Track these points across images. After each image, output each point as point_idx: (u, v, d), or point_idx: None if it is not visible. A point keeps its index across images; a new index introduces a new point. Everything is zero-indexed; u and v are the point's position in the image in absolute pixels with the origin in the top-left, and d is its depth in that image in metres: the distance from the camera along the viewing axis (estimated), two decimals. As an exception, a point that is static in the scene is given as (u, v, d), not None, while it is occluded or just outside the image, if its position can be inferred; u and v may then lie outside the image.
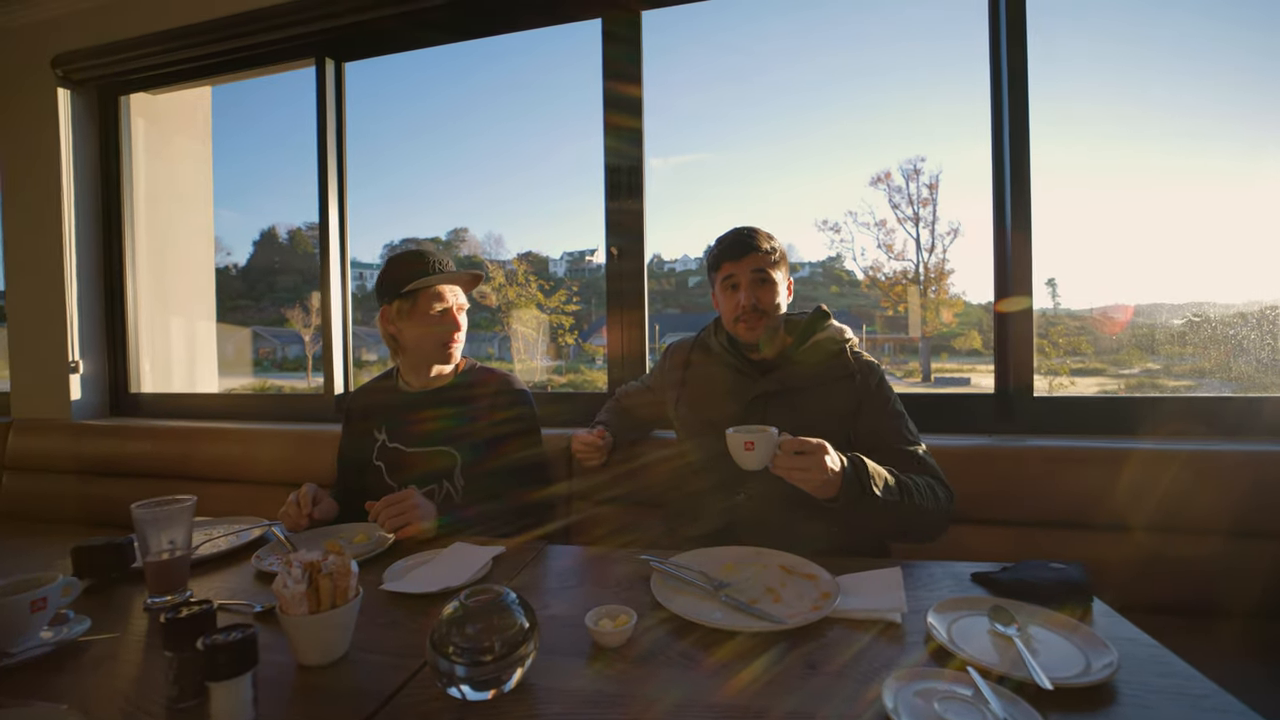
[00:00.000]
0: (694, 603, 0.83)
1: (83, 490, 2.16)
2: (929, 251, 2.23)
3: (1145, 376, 1.79)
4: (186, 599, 0.89)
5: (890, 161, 2.15)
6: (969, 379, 2.15)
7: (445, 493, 1.33)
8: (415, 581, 0.91)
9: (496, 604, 0.65)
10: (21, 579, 0.77)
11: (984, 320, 2.11)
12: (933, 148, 2.08)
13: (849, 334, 1.29)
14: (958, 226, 2.16)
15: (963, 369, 2.18)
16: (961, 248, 2.14)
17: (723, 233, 1.28)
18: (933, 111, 1.90)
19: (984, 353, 2.09)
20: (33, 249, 2.39)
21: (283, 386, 2.23)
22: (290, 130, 2.12)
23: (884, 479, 1.01)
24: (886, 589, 0.84)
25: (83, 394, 2.41)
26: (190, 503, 0.91)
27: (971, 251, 2.14)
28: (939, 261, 2.20)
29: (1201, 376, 1.79)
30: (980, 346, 2.20)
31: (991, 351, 1.74)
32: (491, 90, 2.74)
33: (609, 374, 1.94)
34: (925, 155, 2.13)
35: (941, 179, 2.13)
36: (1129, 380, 1.79)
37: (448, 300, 1.33)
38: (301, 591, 0.66)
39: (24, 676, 0.70)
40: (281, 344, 3.01)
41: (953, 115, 2.05)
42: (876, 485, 0.99)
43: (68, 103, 2.36)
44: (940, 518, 1.10)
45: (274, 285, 2.95)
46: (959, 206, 2.13)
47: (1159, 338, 1.82)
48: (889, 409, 1.20)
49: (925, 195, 2.16)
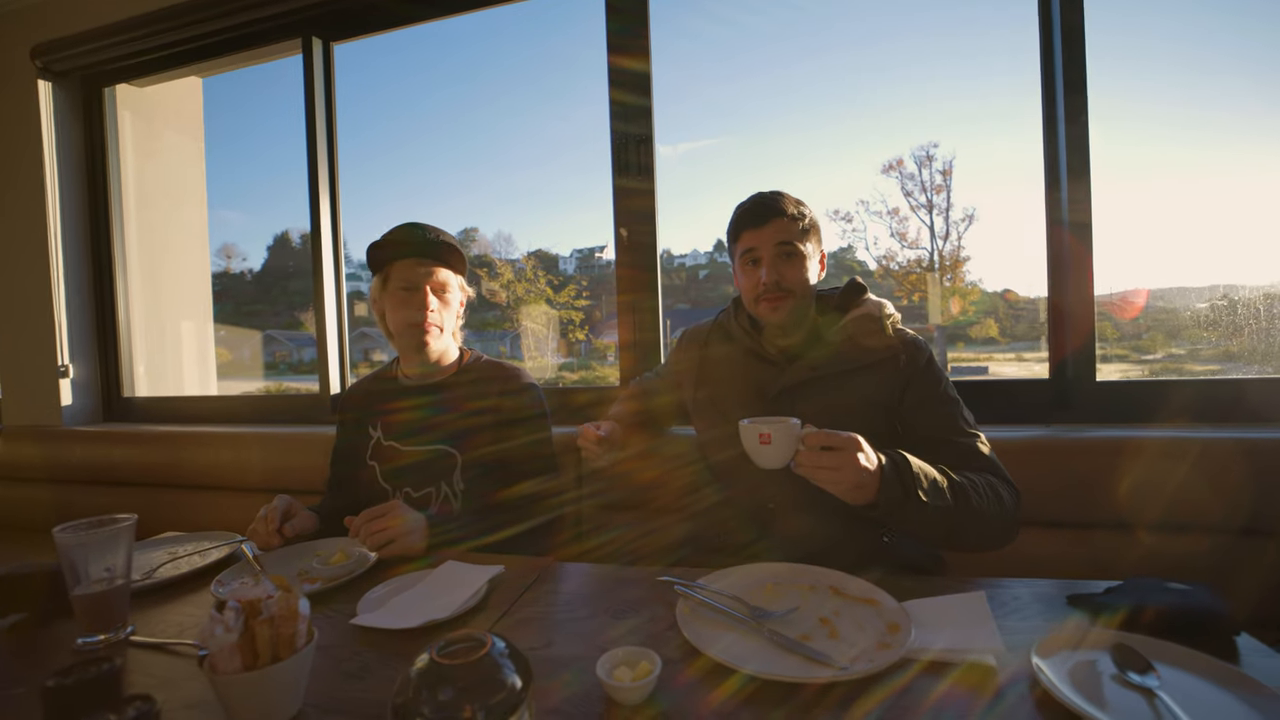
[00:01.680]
0: (730, 640, 0.68)
1: (71, 499, 2.06)
2: (943, 239, 2.07)
3: (1170, 362, 1.68)
4: (127, 635, 0.75)
5: (902, 148, 1.99)
6: (986, 368, 2.00)
7: (444, 496, 1.19)
8: (393, 613, 0.77)
9: (479, 660, 0.50)
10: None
11: (1000, 308, 2.00)
12: (945, 133, 1.92)
13: (890, 308, 1.11)
14: (973, 212, 2.01)
15: (979, 358, 2.03)
16: (977, 234, 1.98)
17: (743, 199, 1.11)
18: (945, 96, 1.77)
19: (1001, 341, 1.98)
20: (18, 249, 2.29)
21: (300, 389, 2.13)
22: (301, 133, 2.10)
23: (932, 480, 0.84)
24: (971, 620, 0.67)
25: (74, 399, 2.31)
26: (129, 522, 0.77)
27: (988, 237, 1.98)
28: (954, 249, 2.04)
29: (1229, 360, 1.67)
30: (997, 335, 2.05)
31: (1009, 340, 1.60)
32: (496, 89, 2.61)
33: (620, 365, 1.79)
34: (938, 141, 1.97)
35: (955, 164, 1.97)
36: (1152, 366, 1.67)
37: (417, 275, 1.18)
38: (233, 643, 0.52)
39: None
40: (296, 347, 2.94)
41: (965, 99, 1.88)
42: (923, 488, 0.82)
43: (49, 96, 2.25)
44: (1004, 525, 0.92)
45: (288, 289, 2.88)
46: (974, 192, 1.97)
47: (1183, 321, 1.71)
48: (940, 393, 1.03)
49: (939, 182, 2.01)
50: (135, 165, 2.42)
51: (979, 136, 1.91)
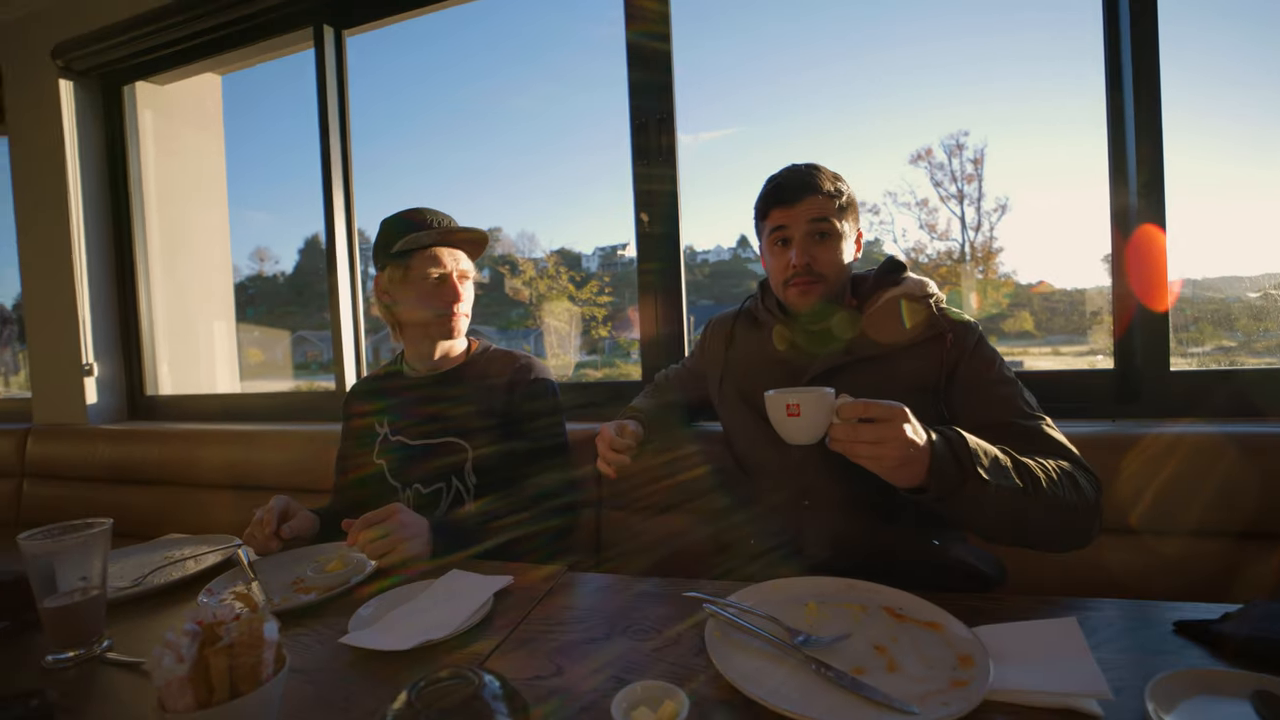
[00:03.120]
0: (768, 671, 0.58)
1: (96, 497, 2.06)
2: (975, 230, 1.93)
3: (1220, 354, 1.56)
4: (102, 651, 0.69)
5: (931, 137, 1.86)
6: (1021, 362, 1.87)
7: (455, 492, 1.12)
8: (387, 630, 0.68)
9: (467, 705, 0.41)
10: None
11: (1034, 301, 1.88)
12: (976, 120, 1.79)
13: (932, 287, 0.99)
14: (1005, 202, 1.87)
15: (1013, 352, 1.90)
16: (1011, 224, 1.85)
17: (774, 171, 1.01)
18: (975, 82, 1.65)
19: (1036, 335, 1.88)
20: (44, 249, 2.31)
21: (326, 388, 2.12)
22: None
23: (993, 458, 0.72)
24: (1062, 652, 0.56)
25: (99, 397, 2.32)
26: (103, 528, 0.70)
27: (1022, 228, 1.85)
28: (986, 240, 1.91)
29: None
30: (1032, 328, 1.92)
31: (1045, 333, 1.47)
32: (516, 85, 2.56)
33: (643, 360, 1.70)
34: (969, 128, 1.84)
35: (987, 153, 1.83)
36: (1199, 359, 1.57)
37: (446, 265, 1.12)
38: (183, 675, 0.44)
39: None
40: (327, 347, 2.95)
41: (996, 84, 1.75)
42: (983, 464, 0.70)
43: (71, 96, 2.26)
44: (1086, 517, 0.78)
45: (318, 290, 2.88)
46: (1007, 181, 1.83)
47: (1233, 311, 1.58)
48: (996, 373, 0.90)
49: (969, 171, 1.87)
50: (156, 164, 2.42)
51: (1014, 122, 1.78)
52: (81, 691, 0.62)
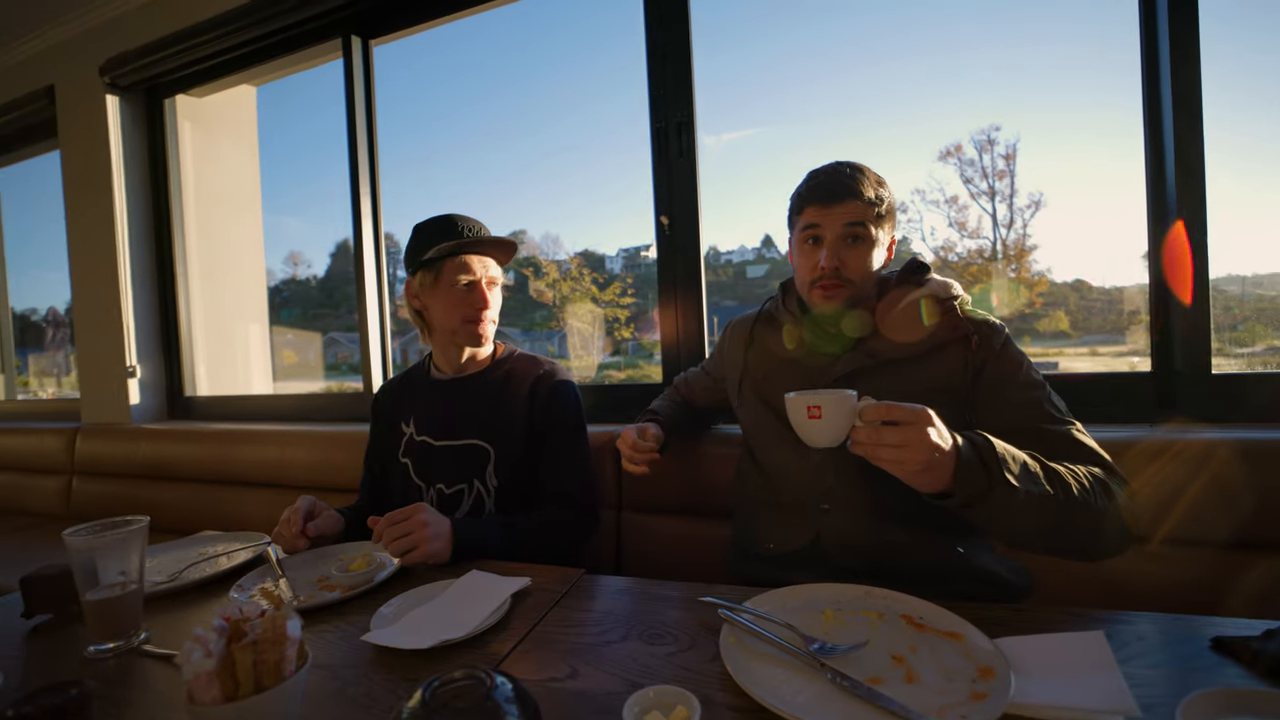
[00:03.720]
0: (784, 678, 0.57)
1: (138, 493, 2.15)
2: (1007, 227, 1.87)
3: (1271, 355, 1.49)
4: (140, 643, 0.72)
5: (961, 133, 1.80)
6: (1056, 364, 1.81)
7: (476, 494, 1.13)
8: (408, 629, 0.70)
9: (478, 706, 0.42)
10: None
11: (1070, 299, 1.84)
12: (1008, 114, 1.73)
13: (957, 289, 0.96)
14: (1039, 198, 1.80)
15: (1048, 353, 1.83)
16: (1045, 221, 1.78)
17: (816, 167, 0.99)
18: (1007, 74, 1.59)
19: (1072, 334, 1.79)
20: (92, 257, 2.42)
21: (358, 389, 2.18)
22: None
23: (1021, 463, 0.70)
24: (1087, 667, 0.54)
25: (141, 398, 2.42)
26: (140, 525, 0.74)
27: (1057, 224, 1.78)
28: (1019, 237, 1.84)
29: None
30: (1068, 328, 1.85)
31: (1081, 333, 1.41)
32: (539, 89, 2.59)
33: (663, 363, 1.70)
34: (1000, 123, 1.77)
35: (1019, 147, 1.77)
36: (1248, 360, 1.49)
37: (475, 272, 1.13)
38: (210, 670, 0.46)
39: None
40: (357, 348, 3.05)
41: (1029, 76, 1.70)
42: (1011, 469, 0.67)
43: (117, 110, 2.36)
44: (1119, 525, 0.75)
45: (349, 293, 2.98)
46: (1041, 176, 1.77)
47: None
48: (1023, 377, 0.87)
49: (1001, 167, 1.81)
50: (194, 173, 2.51)
51: (1049, 115, 1.72)
52: (120, 681, 0.65)
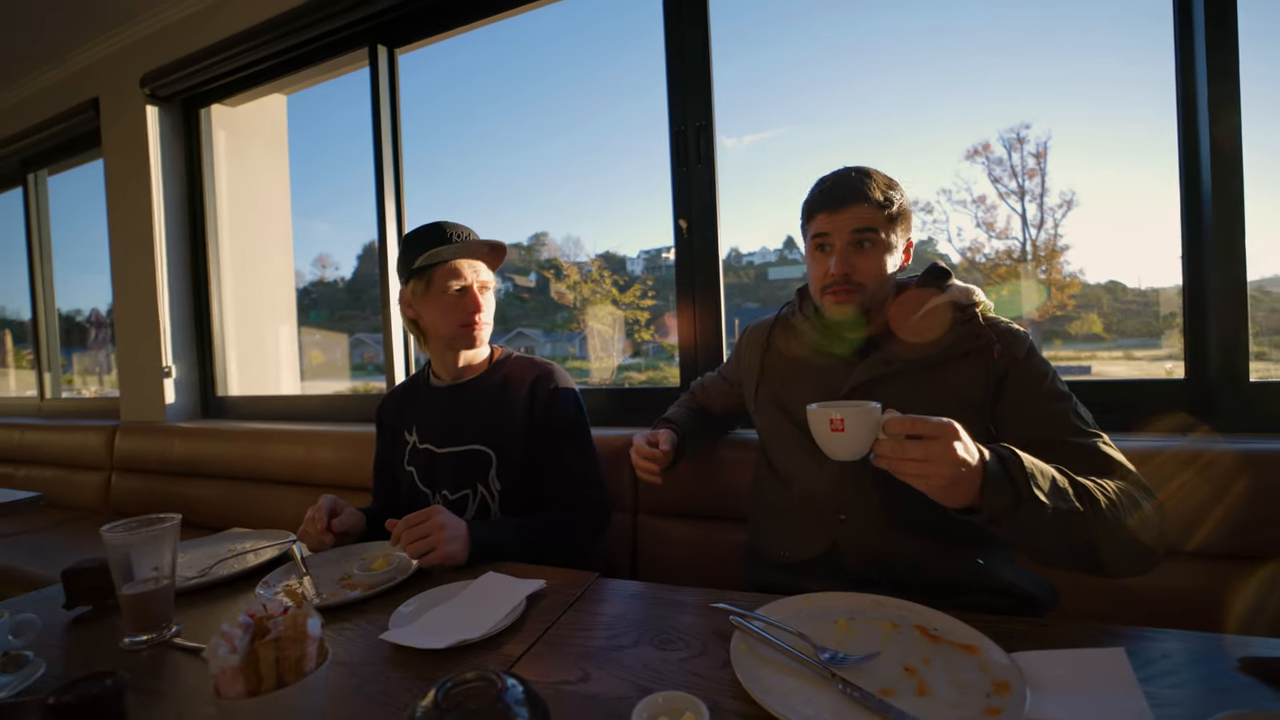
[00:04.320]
0: (794, 686, 0.57)
1: (172, 490, 2.23)
2: (1037, 227, 1.82)
3: None
4: (171, 636, 0.75)
5: (989, 131, 1.76)
6: (1089, 367, 1.75)
7: (481, 499, 1.15)
8: (425, 629, 0.72)
9: (489, 708, 0.42)
10: (-28, 615, 0.65)
11: (1104, 301, 1.78)
12: (1039, 111, 1.69)
13: (979, 295, 0.95)
14: (1071, 197, 1.74)
15: (1080, 356, 1.78)
16: (1077, 220, 1.73)
17: (825, 173, 0.99)
18: (1037, 70, 1.55)
19: (1106, 337, 1.73)
20: (132, 262, 2.52)
21: (383, 389, 2.23)
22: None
23: (1050, 478, 0.68)
24: (1106, 685, 0.53)
25: (176, 397, 2.50)
26: (173, 522, 0.77)
27: (1090, 224, 1.72)
28: (1049, 238, 1.79)
29: None
30: (1101, 331, 1.79)
31: (1116, 336, 1.37)
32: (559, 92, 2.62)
33: (681, 367, 1.70)
34: (1030, 121, 1.73)
35: (1050, 145, 1.72)
36: None
37: (466, 277, 1.14)
38: (235, 665, 0.48)
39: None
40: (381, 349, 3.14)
41: (1062, 71, 1.65)
42: (1040, 485, 0.66)
43: (156, 120, 2.46)
44: (1148, 542, 0.74)
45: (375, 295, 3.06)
46: (1074, 174, 1.72)
47: None
48: (1047, 388, 0.85)
49: (1031, 165, 1.76)
50: (227, 179, 2.60)
51: (1081, 111, 1.67)
52: (152, 672, 0.68)
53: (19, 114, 2.93)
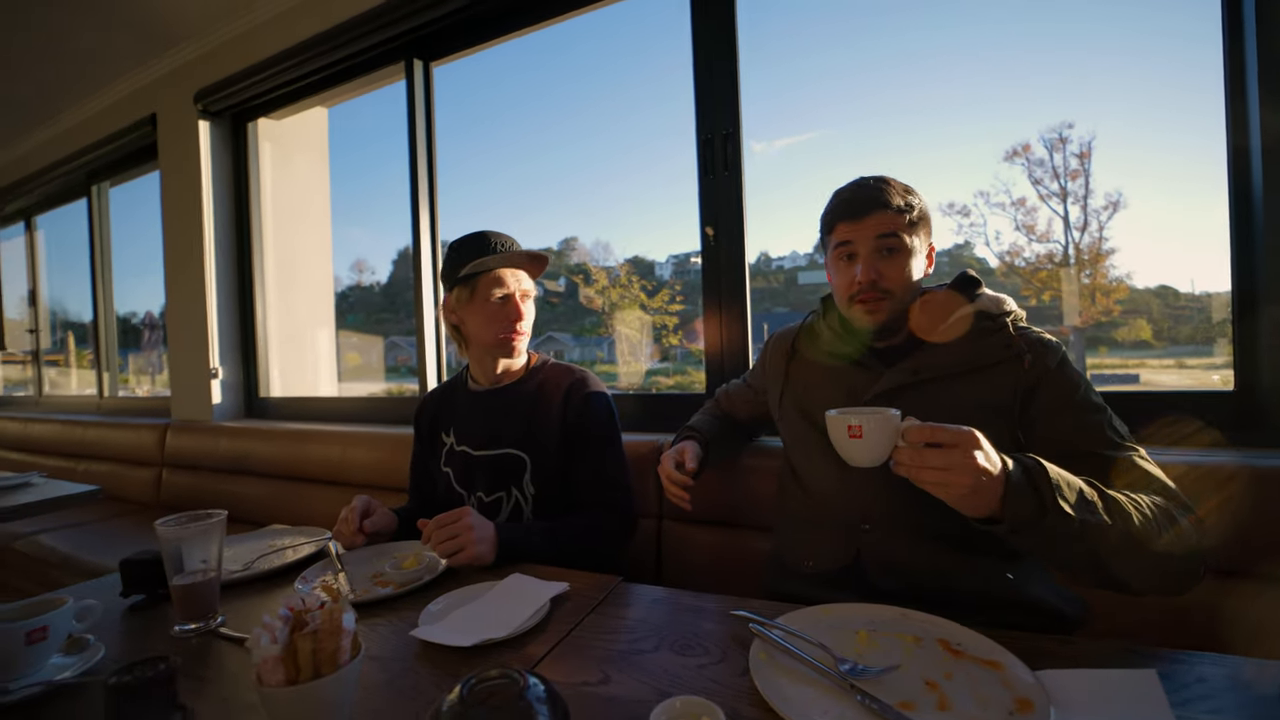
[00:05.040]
0: (812, 697, 0.57)
1: (218, 487, 2.33)
2: (1080, 230, 1.75)
3: None
4: (217, 626, 0.79)
5: (1029, 132, 1.70)
6: (1138, 375, 1.67)
7: (514, 502, 1.18)
8: (452, 627, 0.74)
9: (511, 704, 0.44)
10: (41, 601, 0.70)
11: (1154, 306, 1.69)
12: (1082, 110, 1.62)
13: (1011, 304, 0.93)
14: (1117, 198, 1.66)
15: (1128, 364, 1.70)
16: (1124, 222, 1.65)
17: (842, 184, 0.99)
18: (1080, 68, 1.49)
19: (1155, 344, 1.66)
20: (184, 268, 2.66)
21: (416, 390, 2.30)
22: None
23: (1077, 490, 0.67)
24: (1134, 707, 0.52)
25: (222, 398, 2.62)
26: (220, 518, 0.81)
27: (1138, 226, 1.64)
28: (1094, 241, 1.72)
29: None
30: (1150, 337, 1.70)
31: (1166, 343, 1.37)
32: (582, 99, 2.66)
33: (707, 373, 1.70)
34: (1073, 120, 1.66)
35: (1095, 145, 1.65)
36: None
37: (509, 286, 1.18)
38: (276, 655, 0.51)
39: (17, 718, 0.61)
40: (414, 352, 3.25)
41: (1106, 67, 1.59)
42: (1065, 496, 0.65)
43: (207, 134, 2.59)
44: (1185, 560, 0.71)
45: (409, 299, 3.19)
46: (1120, 175, 1.64)
47: None
48: (1080, 398, 0.83)
49: (1074, 166, 1.69)
50: (272, 189, 2.72)
51: (1129, 109, 1.60)
52: (200, 659, 0.72)
53: (86, 130, 3.13)
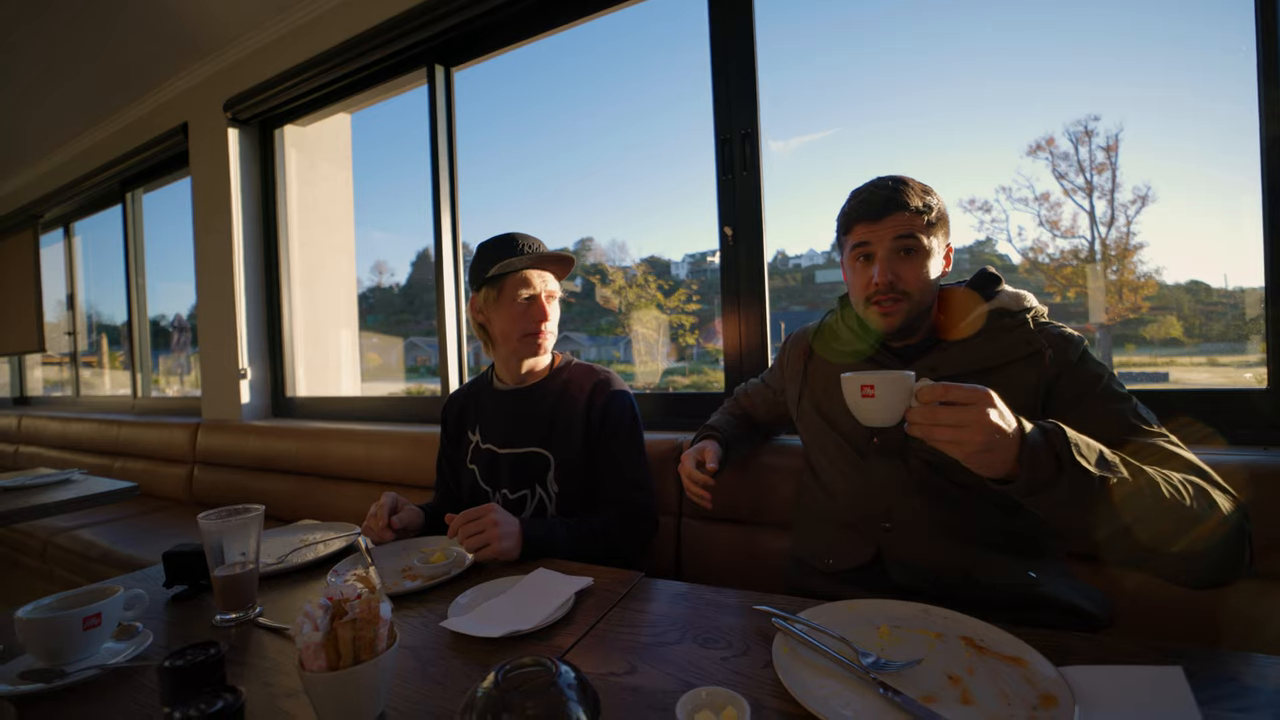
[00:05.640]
0: (834, 689, 0.58)
1: (247, 484, 2.40)
2: (1107, 225, 1.70)
3: None
4: (255, 616, 0.82)
5: (1053, 125, 1.66)
6: (1167, 374, 1.63)
7: (539, 499, 1.20)
8: (481, 619, 0.76)
9: (544, 690, 0.46)
10: (93, 590, 0.73)
11: (1185, 303, 1.64)
12: (1109, 101, 1.58)
13: (1031, 300, 0.93)
14: (1146, 192, 1.61)
15: (1157, 362, 1.65)
16: (1154, 216, 1.60)
17: (859, 184, 0.99)
18: (1106, 59, 1.45)
19: (1185, 341, 1.63)
20: (214, 272, 2.73)
21: (433, 390, 2.35)
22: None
23: (1099, 452, 0.66)
24: (1161, 705, 0.52)
25: (251, 398, 2.69)
26: (258, 513, 0.84)
27: (1169, 220, 1.59)
28: (1121, 236, 1.67)
29: None
30: (1181, 334, 1.65)
31: (1198, 340, 1.39)
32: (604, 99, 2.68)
33: (725, 372, 1.71)
34: (1099, 112, 1.62)
35: (1122, 138, 1.60)
36: None
37: (535, 287, 1.20)
38: (318, 642, 0.53)
39: (74, 699, 0.65)
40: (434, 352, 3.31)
41: (1134, 54, 1.56)
42: (1084, 455, 0.64)
43: (236, 141, 2.66)
44: (1227, 540, 0.68)
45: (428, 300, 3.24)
46: (1150, 168, 1.60)
47: None
48: (1103, 388, 0.82)
49: (1101, 160, 1.65)
50: (298, 194, 2.78)
51: (1157, 100, 1.57)
52: (240, 648, 0.75)
53: (120, 139, 3.24)
